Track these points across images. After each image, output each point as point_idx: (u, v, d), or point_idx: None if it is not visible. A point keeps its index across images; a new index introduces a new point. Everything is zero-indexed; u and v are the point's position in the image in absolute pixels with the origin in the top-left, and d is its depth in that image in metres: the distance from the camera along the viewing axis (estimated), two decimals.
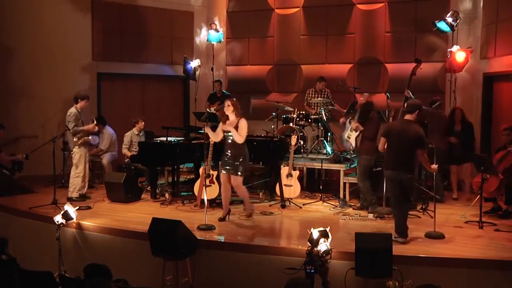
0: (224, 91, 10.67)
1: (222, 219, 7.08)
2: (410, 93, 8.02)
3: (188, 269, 6.04)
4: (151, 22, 11.42)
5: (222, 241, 6.40)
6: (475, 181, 7.51)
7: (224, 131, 6.97)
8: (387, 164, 6.35)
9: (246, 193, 7.23)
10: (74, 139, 8.06)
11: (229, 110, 6.89)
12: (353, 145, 8.19)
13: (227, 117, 6.94)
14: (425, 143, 6.20)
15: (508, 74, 9.01)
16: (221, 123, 6.96)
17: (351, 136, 8.09)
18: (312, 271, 3.97)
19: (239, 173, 6.91)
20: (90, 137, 8.29)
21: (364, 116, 7.79)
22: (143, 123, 9.31)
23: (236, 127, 6.85)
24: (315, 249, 4.19)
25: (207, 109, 9.47)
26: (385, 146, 6.37)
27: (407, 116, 6.38)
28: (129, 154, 9.12)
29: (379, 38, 10.66)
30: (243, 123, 6.88)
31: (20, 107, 10.11)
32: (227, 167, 6.95)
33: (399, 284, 5.32)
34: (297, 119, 9.65)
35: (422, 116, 7.96)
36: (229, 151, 6.93)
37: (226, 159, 6.95)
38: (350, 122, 8.13)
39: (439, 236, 6.32)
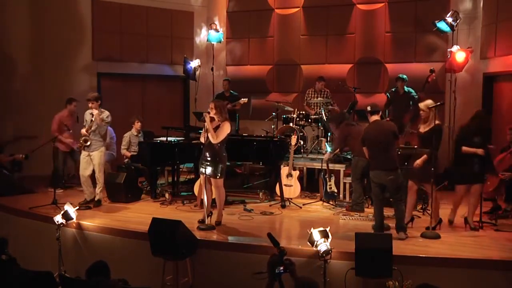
0: (232, 91, 10.56)
1: (202, 221, 6.84)
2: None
3: (188, 269, 6.04)
4: (151, 22, 11.42)
5: (222, 241, 6.40)
6: None
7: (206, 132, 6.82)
8: (370, 166, 6.55)
9: (223, 198, 7.08)
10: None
11: (212, 112, 6.80)
12: (336, 191, 8.19)
13: (212, 119, 6.84)
14: (398, 133, 6.57)
15: (508, 74, 9.01)
16: (205, 124, 6.80)
17: (331, 186, 8.12)
18: (282, 271, 3.92)
19: (218, 176, 6.81)
20: (82, 142, 7.80)
21: (335, 125, 8.14)
22: (139, 123, 9.19)
23: (217, 129, 6.74)
24: (281, 247, 4.18)
25: None
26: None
27: (374, 117, 6.53)
28: (128, 154, 9.11)
29: (379, 38, 10.66)
30: (226, 126, 6.76)
31: (20, 107, 10.11)
32: (207, 171, 6.79)
33: (399, 284, 5.32)
34: (297, 119, 9.66)
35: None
36: (207, 153, 6.80)
37: (205, 161, 6.81)
38: (325, 178, 8.14)
39: (435, 236, 6.33)
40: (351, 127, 7.87)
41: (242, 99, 9.93)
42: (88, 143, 7.72)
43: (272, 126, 9.92)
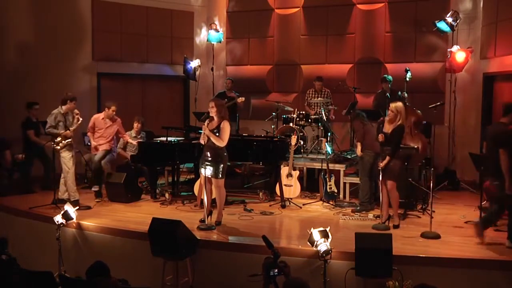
0: (234, 92, 10.43)
1: (203, 221, 6.83)
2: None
3: (188, 269, 6.05)
4: (151, 22, 11.43)
5: (222, 241, 6.40)
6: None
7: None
8: None
9: (224, 198, 7.06)
10: (53, 144, 7.74)
11: (212, 111, 6.77)
12: (336, 191, 8.18)
13: (212, 119, 6.82)
14: (503, 141, 5.70)
15: (508, 74, 9.01)
16: (204, 125, 6.78)
17: (332, 186, 8.12)
18: (276, 273, 3.93)
19: (220, 176, 6.81)
20: (70, 140, 7.79)
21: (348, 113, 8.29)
22: (137, 124, 9.08)
23: (219, 129, 6.73)
24: (276, 250, 4.18)
25: None
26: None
27: (501, 119, 6.22)
28: (126, 154, 9.08)
29: (379, 38, 10.66)
30: (226, 126, 6.70)
31: (20, 107, 10.09)
32: (208, 172, 6.77)
33: (399, 284, 5.32)
34: (297, 119, 9.65)
35: None
36: (208, 153, 6.77)
37: (206, 161, 6.78)
38: (325, 178, 8.14)
39: (435, 236, 6.32)
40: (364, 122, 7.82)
41: (240, 98, 9.91)
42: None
43: (272, 126, 9.92)
